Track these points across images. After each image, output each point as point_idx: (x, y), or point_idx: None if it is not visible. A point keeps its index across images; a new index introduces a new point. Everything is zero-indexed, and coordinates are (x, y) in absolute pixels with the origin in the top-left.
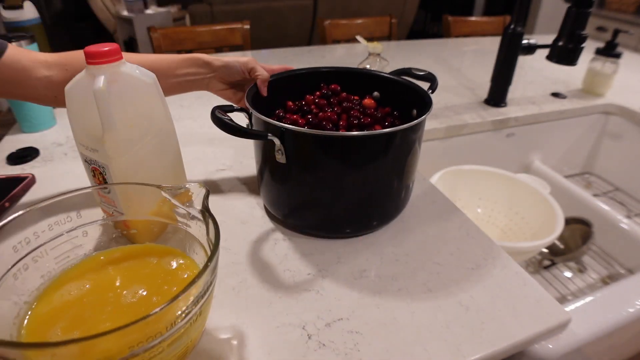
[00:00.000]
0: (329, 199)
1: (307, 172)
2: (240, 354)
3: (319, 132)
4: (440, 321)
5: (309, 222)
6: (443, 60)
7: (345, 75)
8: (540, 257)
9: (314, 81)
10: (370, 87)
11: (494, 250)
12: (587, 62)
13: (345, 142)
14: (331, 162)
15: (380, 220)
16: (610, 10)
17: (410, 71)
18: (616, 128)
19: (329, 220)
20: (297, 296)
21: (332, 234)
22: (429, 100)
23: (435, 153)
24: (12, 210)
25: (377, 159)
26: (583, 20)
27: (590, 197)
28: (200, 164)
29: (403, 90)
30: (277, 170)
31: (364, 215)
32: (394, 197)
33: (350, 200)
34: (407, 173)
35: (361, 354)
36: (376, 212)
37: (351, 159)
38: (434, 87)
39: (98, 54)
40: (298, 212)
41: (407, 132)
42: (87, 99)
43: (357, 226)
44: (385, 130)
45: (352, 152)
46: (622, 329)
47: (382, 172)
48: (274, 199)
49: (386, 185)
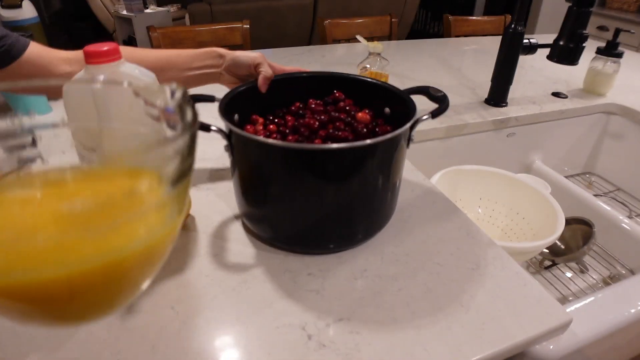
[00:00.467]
0: (279, 209)
1: (257, 181)
2: (240, 355)
3: (246, 135)
4: (440, 321)
5: (281, 236)
6: (443, 60)
7: (359, 84)
8: (541, 258)
9: (325, 85)
10: (383, 102)
11: (495, 251)
12: (588, 62)
13: (277, 151)
14: (272, 170)
15: (366, 234)
16: (612, 10)
17: (427, 90)
18: (617, 128)
19: (299, 236)
20: (297, 296)
21: (309, 250)
22: (411, 113)
23: (435, 153)
24: None
25: (327, 175)
26: (584, 19)
27: (591, 197)
28: (201, 163)
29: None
30: (239, 178)
31: (343, 231)
32: (369, 213)
33: (312, 216)
34: (382, 188)
35: (361, 354)
36: (353, 229)
37: (300, 172)
38: (441, 110)
39: (97, 53)
40: (262, 224)
41: (363, 151)
42: (85, 98)
43: (340, 242)
44: (325, 147)
45: (298, 164)
46: (623, 330)
47: (345, 190)
48: (239, 202)
49: (358, 201)
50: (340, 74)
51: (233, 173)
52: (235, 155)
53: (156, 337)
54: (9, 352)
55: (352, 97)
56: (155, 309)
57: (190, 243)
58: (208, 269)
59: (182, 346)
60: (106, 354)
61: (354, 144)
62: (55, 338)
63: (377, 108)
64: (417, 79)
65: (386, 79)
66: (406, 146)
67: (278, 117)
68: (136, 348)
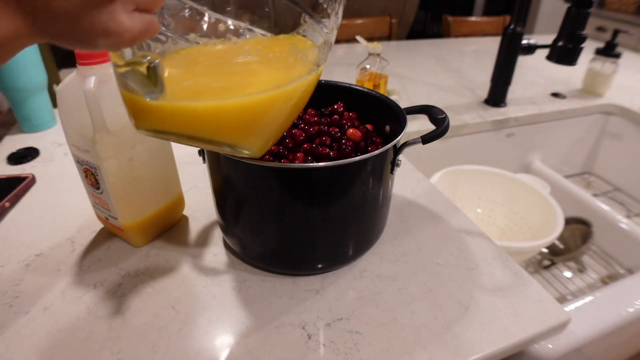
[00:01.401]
0: (246, 225)
1: (226, 193)
2: (240, 354)
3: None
4: (440, 321)
5: (250, 252)
6: (443, 61)
7: (363, 96)
8: (540, 257)
9: (328, 95)
10: (387, 118)
11: (494, 250)
12: (586, 62)
13: (236, 165)
14: (236, 182)
15: (330, 263)
16: (610, 11)
17: (430, 110)
18: (616, 128)
19: (267, 254)
20: (297, 296)
21: (293, 271)
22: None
23: (435, 153)
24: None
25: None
26: (583, 20)
27: (590, 197)
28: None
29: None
30: (212, 188)
31: (308, 253)
32: (334, 239)
33: (289, 236)
34: (356, 212)
35: (361, 354)
36: (327, 254)
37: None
38: (436, 135)
39: (89, 54)
40: (233, 238)
41: (326, 172)
42: (78, 100)
43: (327, 263)
44: (282, 165)
45: (258, 180)
46: (621, 329)
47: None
48: (219, 214)
49: (328, 224)
50: (344, 85)
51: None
52: (207, 162)
53: (156, 337)
54: (10, 351)
55: (358, 109)
56: (156, 309)
57: (190, 243)
58: (208, 268)
59: (182, 346)
60: (106, 354)
61: (308, 165)
62: (55, 337)
63: (382, 124)
64: (417, 80)
65: (386, 80)
66: (390, 171)
67: None
68: (136, 347)
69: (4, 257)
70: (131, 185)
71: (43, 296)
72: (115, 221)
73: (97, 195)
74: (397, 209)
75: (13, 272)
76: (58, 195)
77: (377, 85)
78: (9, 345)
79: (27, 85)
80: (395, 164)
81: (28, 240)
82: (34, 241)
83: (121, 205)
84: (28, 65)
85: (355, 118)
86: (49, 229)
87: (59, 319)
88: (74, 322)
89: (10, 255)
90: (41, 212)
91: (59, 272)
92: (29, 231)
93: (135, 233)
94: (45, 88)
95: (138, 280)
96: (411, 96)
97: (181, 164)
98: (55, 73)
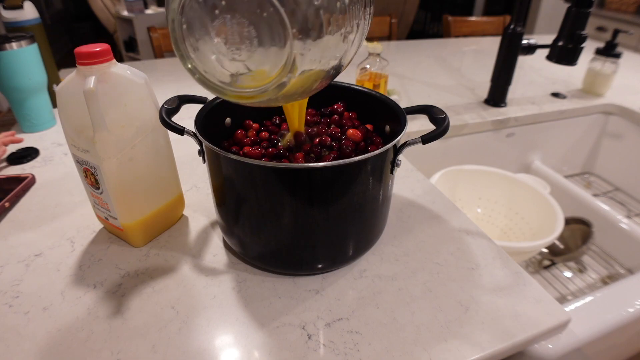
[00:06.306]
0: (246, 225)
1: (225, 192)
2: (240, 354)
3: (207, 144)
4: (440, 321)
5: (250, 252)
6: (443, 60)
7: (363, 96)
8: (540, 257)
9: (329, 95)
10: (387, 118)
11: (494, 250)
12: (587, 62)
13: (233, 163)
14: (236, 182)
15: (331, 263)
16: (610, 10)
17: (431, 110)
18: (616, 128)
19: (267, 254)
20: (297, 296)
21: (293, 271)
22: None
23: (435, 153)
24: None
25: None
26: (583, 20)
27: (590, 197)
28: (194, 165)
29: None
30: (211, 188)
31: (307, 253)
32: (335, 238)
33: (290, 234)
34: (355, 212)
35: (361, 354)
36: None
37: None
38: (436, 135)
39: (88, 54)
40: (233, 239)
41: (325, 172)
42: (77, 100)
43: (327, 263)
44: (280, 165)
45: (258, 180)
46: (621, 329)
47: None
48: (219, 214)
49: (326, 224)
50: (343, 85)
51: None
52: (206, 162)
53: (156, 337)
54: (10, 351)
55: (358, 109)
56: (155, 309)
57: (190, 243)
58: (208, 268)
59: (182, 346)
60: (106, 354)
61: (308, 165)
62: (55, 337)
63: (382, 124)
64: (417, 80)
65: (386, 80)
66: (390, 171)
67: (274, 125)
68: (136, 347)
69: (4, 257)
70: (131, 185)
71: (43, 296)
72: (115, 221)
73: (97, 195)
74: (397, 209)
75: (13, 272)
76: (58, 195)
77: (377, 85)
78: (9, 346)
79: (27, 85)
80: (395, 164)
81: (28, 240)
82: (33, 241)
83: (121, 205)
84: (28, 65)
85: (355, 118)
86: (49, 229)
87: (58, 319)
88: (74, 322)
89: (10, 255)
90: (41, 212)
91: (59, 272)
92: (28, 231)
93: (135, 233)
94: (45, 88)
95: (138, 280)
96: (411, 96)
97: (181, 164)
98: (55, 73)
